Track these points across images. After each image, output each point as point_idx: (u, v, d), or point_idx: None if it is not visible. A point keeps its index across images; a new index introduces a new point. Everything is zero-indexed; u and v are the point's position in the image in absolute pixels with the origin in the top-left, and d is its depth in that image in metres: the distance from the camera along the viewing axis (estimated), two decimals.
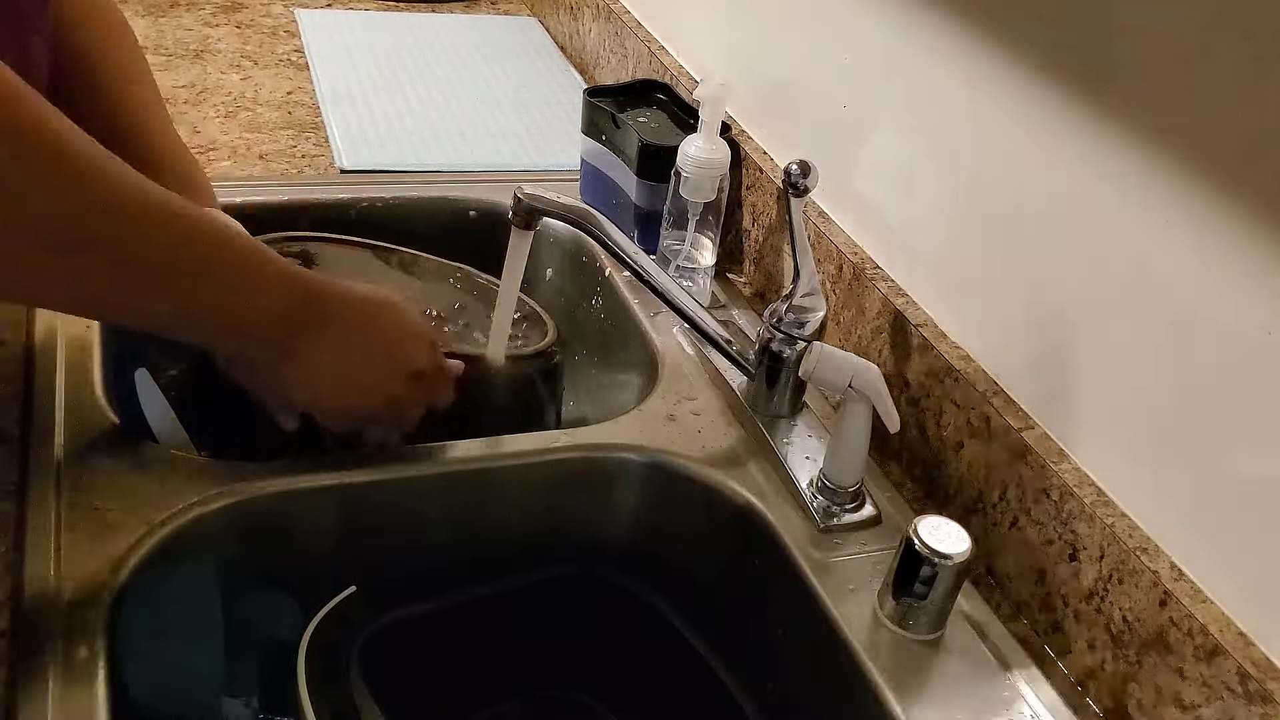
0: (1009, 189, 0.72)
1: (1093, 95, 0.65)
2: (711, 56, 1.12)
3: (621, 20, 1.28)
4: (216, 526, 0.69)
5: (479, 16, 1.57)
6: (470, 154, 1.17)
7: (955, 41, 0.75)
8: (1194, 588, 0.60)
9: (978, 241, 0.76)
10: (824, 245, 0.89)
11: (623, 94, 1.07)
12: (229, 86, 1.23)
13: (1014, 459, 0.71)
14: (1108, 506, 0.65)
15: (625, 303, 0.97)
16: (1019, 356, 0.73)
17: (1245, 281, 0.57)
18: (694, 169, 0.92)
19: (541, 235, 1.05)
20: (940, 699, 0.64)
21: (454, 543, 0.79)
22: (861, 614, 0.69)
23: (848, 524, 0.75)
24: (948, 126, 0.78)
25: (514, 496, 0.79)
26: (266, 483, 0.71)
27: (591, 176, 1.07)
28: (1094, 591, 0.65)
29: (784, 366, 0.81)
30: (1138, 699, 0.63)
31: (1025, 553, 0.70)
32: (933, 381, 0.78)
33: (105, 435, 0.72)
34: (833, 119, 0.91)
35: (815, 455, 0.79)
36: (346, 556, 0.74)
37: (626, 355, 0.96)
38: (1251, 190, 0.56)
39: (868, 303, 0.84)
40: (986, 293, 0.75)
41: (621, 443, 0.80)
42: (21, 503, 0.67)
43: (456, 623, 0.80)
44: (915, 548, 0.65)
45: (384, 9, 1.53)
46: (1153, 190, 0.61)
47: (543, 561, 0.82)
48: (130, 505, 0.67)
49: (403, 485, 0.75)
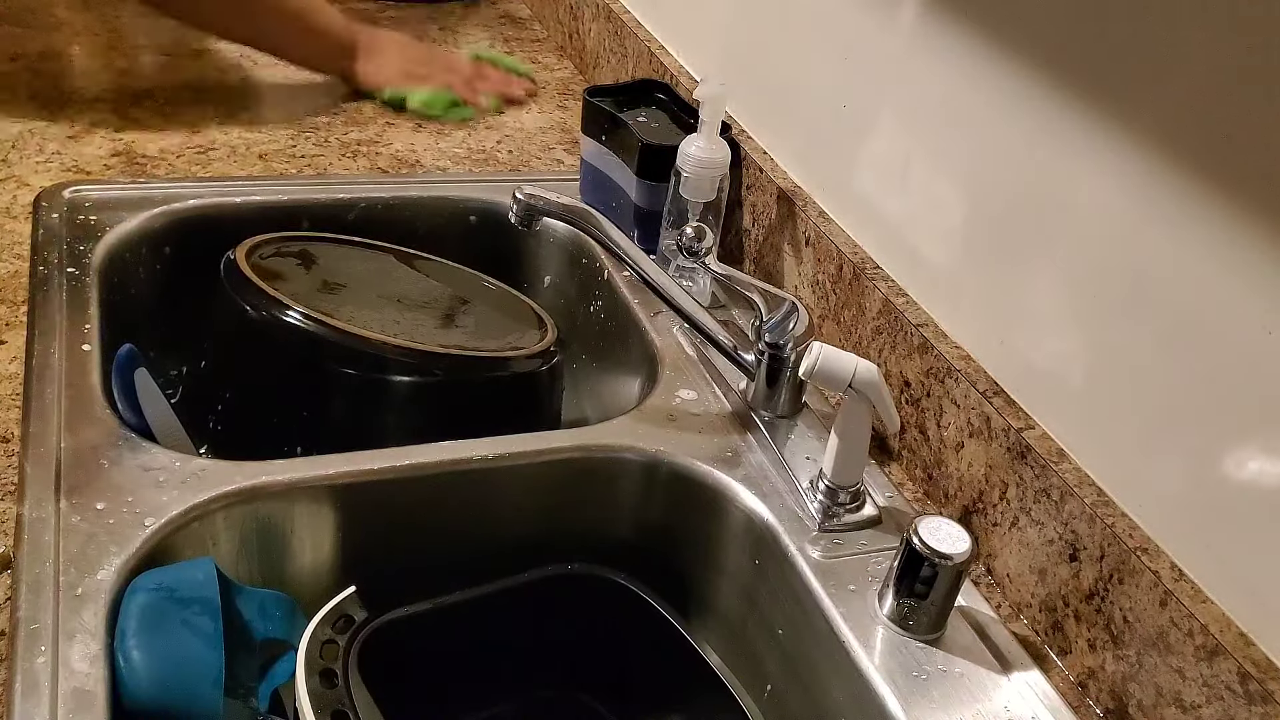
0: (1009, 188, 0.72)
1: (1093, 94, 0.65)
2: (711, 56, 1.12)
3: (621, 20, 1.28)
4: (216, 526, 0.69)
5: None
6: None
7: (955, 41, 0.75)
8: (1194, 588, 0.60)
9: (978, 241, 0.76)
10: (824, 245, 0.89)
11: (623, 94, 1.07)
12: (229, 86, 1.23)
13: (1014, 459, 0.71)
14: (1108, 506, 0.65)
15: (625, 303, 0.97)
16: (1019, 356, 0.73)
17: (1245, 281, 0.57)
18: (694, 169, 0.92)
19: (541, 235, 1.06)
20: (940, 699, 0.64)
21: (454, 542, 0.79)
22: (861, 614, 0.69)
23: (848, 524, 0.75)
24: (948, 126, 0.78)
25: (514, 496, 0.79)
26: (266, 483, 0.71)
27: (591, 176, 1.07)
28: (1094, 591, 0.65)
29: (784, 366, 0.81)
30: (1138, 699, 0.63)
31: (1025, 553, 0.70)
32: (933, 381, 0.78)
33: (105, 435, 0.72)
34: (833, 119, 0.91)
35: (815, 455, 0.79)
36: (346, 556, 0.74)
37: (626, 355, 0.96)
38: (1252, 190, 0.56)
39: (868, 303, 0.84)
40: (986, 292, 0.75)
41: (621, 443, 0.80)
42: (21, 503, 0.67)
43: (456, 623, 0.80)
44: (915, 548, 0.65)
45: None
46: (1153, 190, 0.61)
47: (542, 561, 0.82)
48: (130, 505, 0.67)
49: (403, 485, 0.75)
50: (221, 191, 1.02)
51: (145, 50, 1.28)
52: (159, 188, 1.01)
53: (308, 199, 1.01)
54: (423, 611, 0.78)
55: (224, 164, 1.07)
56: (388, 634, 0.73)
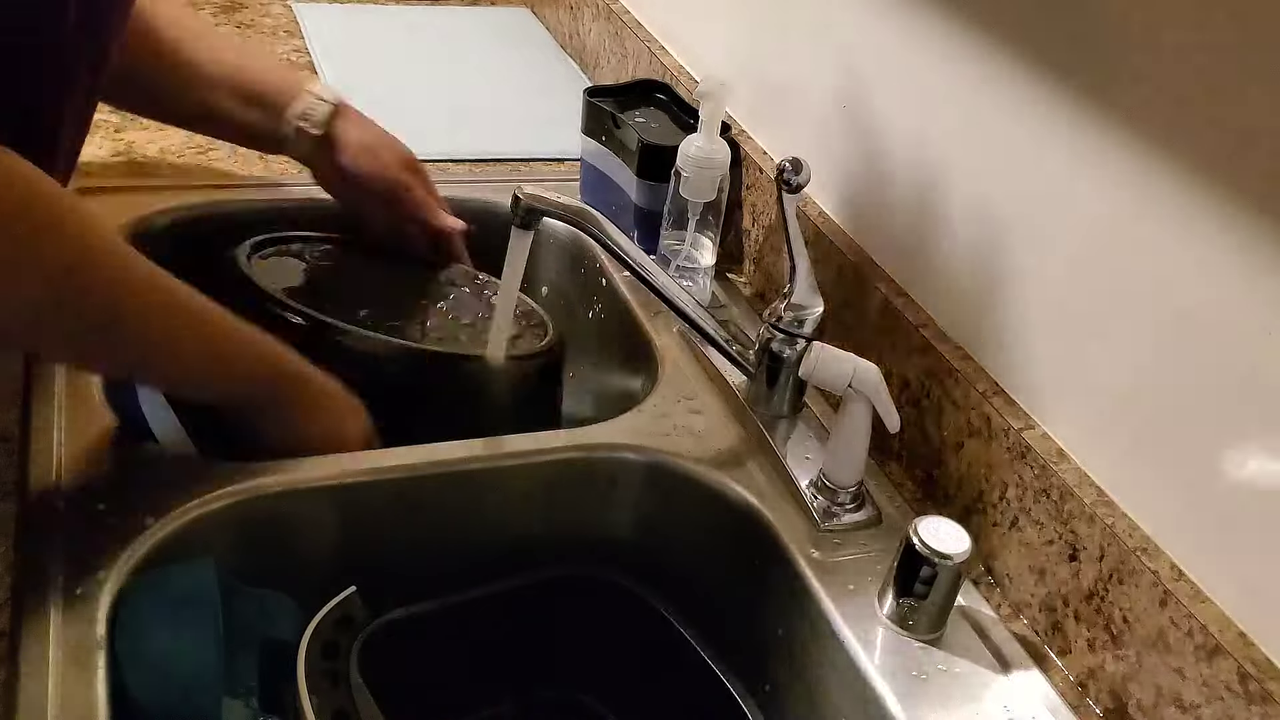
0: (1009, 188, 0.72)
1: (1094, 94, 0.65)
2: (711, 56, 1.12)
3: (621, 20, 1.28)
4: (216, 526, 0.69)
5: (478, 11, 1.58)
6: (474, 143, 1.18)
7: (955, 41, 0.75)
8: (1194, 588, 0.60)
9: (977, 241, 0.76)
10: (824, 245, 0.89)
11: (623, 94, 1.07)
12: None
13: (1014, 459, 0.71)
14: (1108, 506, 0.65)
15: (625, 303, 0.97)
16: (1019, 356, 0.73)
17: (1245, 282, 0.57)
18: (694, 169, 0.92)
19: (541, 235, 1.06)
20: (940, 699, 0.64)
21: (454, 543, 0.79)
22: (861, 614, 0.69)
23: (848, 524, 0.75)
24: (947, 125, 0.78)
25: (514, 497, 0.79)
26: (266, 483, 0.71)
27: (591, 176, 1.07)
28: (1094, 591, 0.65)
29: (784, 366, 0.81)
30: (1138, 699, 0.63)
31: (1025, 553, 0.70)
32: (933, 381, 0.78)
33: (105, 435, 0.72)
34: (833, 119, 0.91)
35: (815, 455, 0.79)
36: (346, 556, 0.74)
37: (626, 355, 0.96)
38: (1252, 190, 0.56)
39: (868, 303, 0.84)
40: (986, 292, 0.75)
41: (621, 443, 0.80)
42: (21, 502, 0.67)
43: (456, 623, 0.80)
44: (915, 548, 0.65)
45: (381, 5, 1.53)
46: (1153, 190, 0.61)
47: (542, 561, 0.82)
48: (130, 505, 0.67)
49: (403, 485, 0.75)
50: (221, 191, 1.02)
51: None
52: (159, 188, 1.01)
53: (308, 199, 1.01)
54: (423, 611, 0.78)
55: (224, 164, 1.07)
56: (388, 634, 0.73)
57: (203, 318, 0.68)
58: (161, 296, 0.66)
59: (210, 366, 0.70)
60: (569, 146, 1.13)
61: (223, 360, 0.70)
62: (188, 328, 0.68)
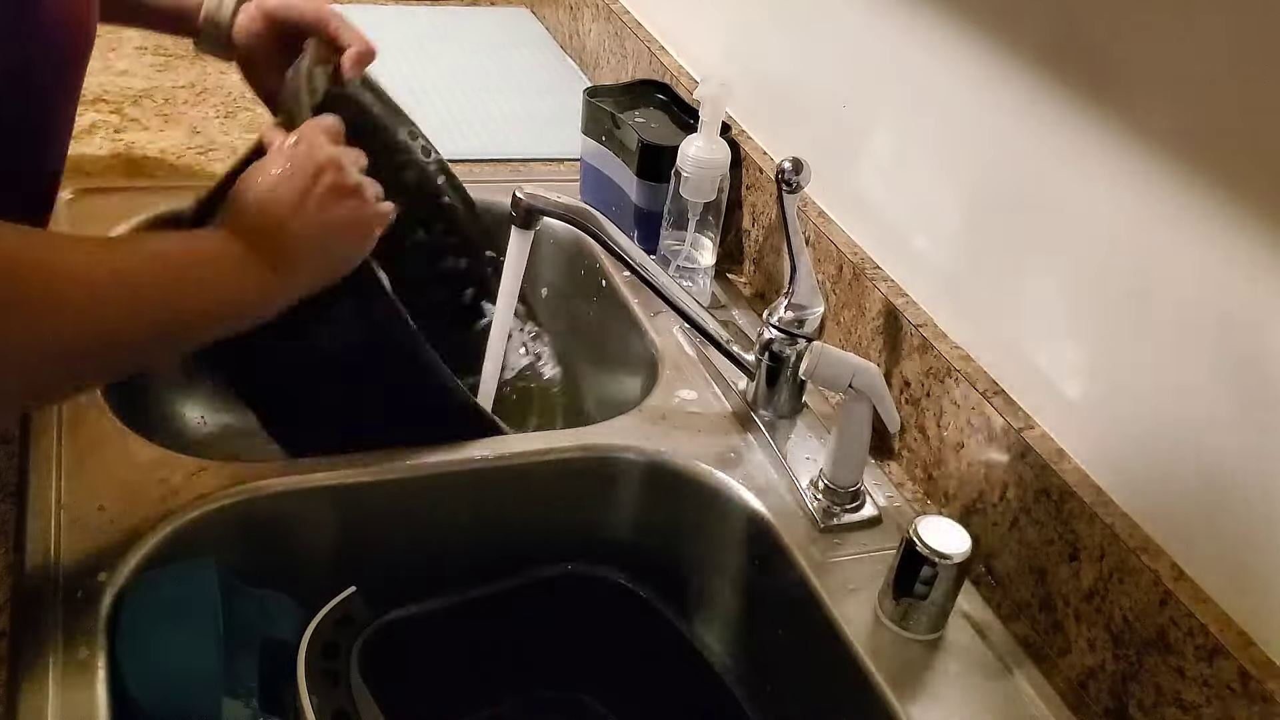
0: (1009, 188, 0.72)
1: (1094, 93, 0.65)
2: (711, 56, 1.12)
3: (621, 20, 1.28)
4: (216, 526, 0.69)
5: (478, 11, 1.58)
6: (474, 143, 1.19)
7: (955, 41, 0.75)
8: (1194, 588, 0.60)
9: (978, 241, 0.76)
10: (824, 245, 0.89)
11: (623, 94, 1.07)
12: (229, 87, 1.23)
13: (1014, 459, 0.71)
14: (1108, 506, 0.65)
15: (625, 303, 0.97)
16: (1019, 356, 0.73)
17: (1245, 281, 0.57)
18: (694, 169, 0.92)
19: (541, 235, 1.05)
20: (940, 699, 0.64)
21: (454, 542, 0.79)
22: (861, 614, 0.69)
23: (848, 524, 0.75)
24: (948, 126, 0.78)
25: (514, 496, 0.79)
26: (266, 483, 0.71)
27: (591, 176, 1.07)
28: (1094, 591, 0.65)
29: (784, 366, 0.81)
30: (1138, 699, 0.63)
31: (1025, 553, 0.70)
32: (933, 381, 0.78)
33: (105, 435, 0.72)
34: (833, 119, 0.91)
35: (815, 455, 0.79)
36: (346, 556, 0.74)
37: (626, 355, 0.96)
38: (1252, 189, 0.56)
39: (868, 303, 0.84)
40: (986, 292, 0.75)
41: (621, 443, 0.80)
42: (21, 503, 0.67)
43: (456, 623, 0.80)
44: (915, 548, 0.65)
45: (381, 5, 1.53)
46: (1153, 189, 0.61)
47: (542, 561, 0.82)
48: (130, 505, 0.67)
49: (403, 485, 0.75)
50: None
51: (145, 50, 1.28)
52: (159, 188, 1.01)
53: None
54: (423, 611, 0.78)
55: (224, 164, 1.07)
56: (388, 634, 0.73)
57: (191, 256, 0.65)
58: (156, 264, 0.63)
59: (244, 272, 0.66)
60: (569, 146, 1.13)
61: (238, 265, 0.66)
62: (194, 268, 0.64)
